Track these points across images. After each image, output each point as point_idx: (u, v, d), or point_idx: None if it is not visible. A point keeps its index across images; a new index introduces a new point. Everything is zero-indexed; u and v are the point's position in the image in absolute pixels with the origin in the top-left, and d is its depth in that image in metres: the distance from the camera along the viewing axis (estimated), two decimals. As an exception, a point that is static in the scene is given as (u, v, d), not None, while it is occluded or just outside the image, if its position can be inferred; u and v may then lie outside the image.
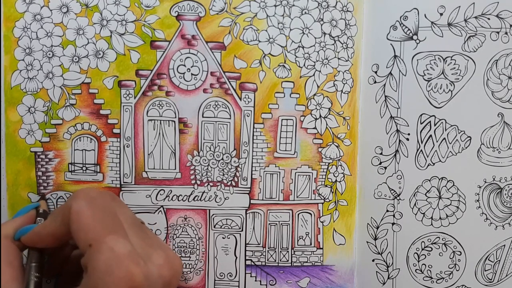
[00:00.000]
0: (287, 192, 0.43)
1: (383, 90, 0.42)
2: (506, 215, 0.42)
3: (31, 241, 0.36)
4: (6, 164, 0.41)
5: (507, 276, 0.43)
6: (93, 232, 0.32)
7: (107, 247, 0.31)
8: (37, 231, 0.36)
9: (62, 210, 0.34)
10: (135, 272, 0.30)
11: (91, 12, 0.41)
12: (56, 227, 0.34)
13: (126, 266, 0.30)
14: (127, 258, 0.31)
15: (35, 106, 0.41)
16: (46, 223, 0.36)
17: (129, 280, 0.30)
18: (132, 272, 0.30)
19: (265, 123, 0.42)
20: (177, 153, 0.42)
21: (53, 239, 0.35)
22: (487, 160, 0.42)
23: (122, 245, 0.31)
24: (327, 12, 0.41)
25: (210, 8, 0.41)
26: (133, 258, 0.31)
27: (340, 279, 0.43)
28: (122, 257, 0.31)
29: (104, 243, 0.31)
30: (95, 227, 0.32)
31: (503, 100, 0.41)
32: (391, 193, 0.42)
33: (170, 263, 0.34)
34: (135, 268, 0.31)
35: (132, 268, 0.31)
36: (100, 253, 0.31)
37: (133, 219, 0.36)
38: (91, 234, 0.32)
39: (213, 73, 0.42)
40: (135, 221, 0.36)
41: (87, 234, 0.32)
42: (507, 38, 0.40)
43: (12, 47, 0.40)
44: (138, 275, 0.31)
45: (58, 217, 0.34)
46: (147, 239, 0.35)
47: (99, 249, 0.31)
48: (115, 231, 0.32)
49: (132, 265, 0.31)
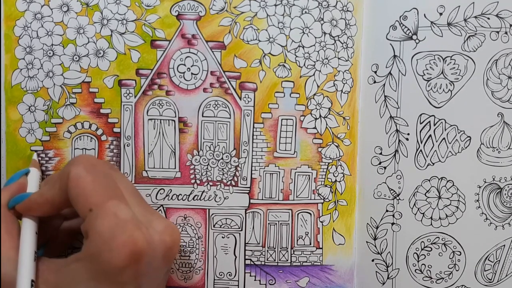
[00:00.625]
0: (287, 192, 0.43)
1: (382, 90, 0.42)
2: (506, 215, 0.42)
3: (28, 209, 0.35)
4: (6, 163, 0.41)
5: (507, 276, 0.43)
6: (94, 197, 0.31)
7: (110, 212, 0.31)
8: (33, 198, 0.35)
9: (60, 176, 0.33)
10: (138, 237, 0.30)
11: (91, 11, 0.41)
12: (54, 193, 0.34)
13: (129, 230, 0.30)
14: (129, 223, 0.31)
15: (35, 105, 0.41)
16: (43, 190, 0.35)
17: (132, 245, 0.30)
18: (135, 236, 0.30)
19: (265, 122, 0.42)
20: (177, 152, 0.42)
21: (51, 207, 0.34)
22: (487, 160, 0.41)
23: (124, 210, 0.31)
24: (327, 11, 0.42)
25: (210, 8, 0.41)
26: (136, 223, 0.31)
27: (340, 279, 0.43)
28: (125, 222, 0.31)
29: (106, 208, 0.31)
30: (96, 192, 0.32)
31: (503, 100, 0.41)
32: (390, 193, 0.42)
33: (170, 230, 0.34)
34: (138, 232, 0.31)
35: (135, 232, 0.30)
36: (102, 218, 0.30)
37: (132, 188, 0.36)
38: (91, 199, 0.31)
39: (213, 73, 0.42)
40: (133, 189, 0.36)
41: (88, 199, 0.31)
42: (507, 38, 0.40)
43: (12, 46, 0.40)
44: (141, 240, 0.30)
45: (56, 184, 0.33)
46: (147, 207, 0.35)
47: (100, 213, 0.31)
48: (116, 196, 0.32)
49: (135, 230, 0.31)
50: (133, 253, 0.30)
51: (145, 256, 0.31)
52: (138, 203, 0.35)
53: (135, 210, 0.33)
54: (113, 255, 0.30)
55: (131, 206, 0.33)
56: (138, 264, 0.31)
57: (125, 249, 0.30)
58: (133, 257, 0.30)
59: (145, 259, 0.31)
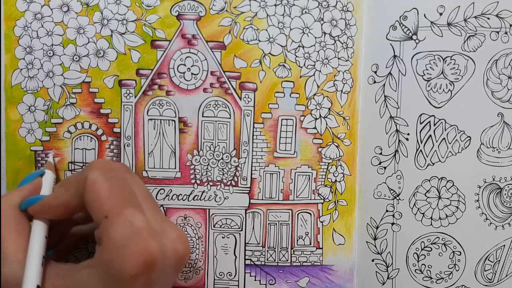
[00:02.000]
0: (287, 192, 0.43)
1: (382, 90, 0.42)
2: (506, 215, 0.42)
3: (40, 211, 0.34)
4: (6, 163, 0.41)
5: (507, 276, 0.43)
6: (110, 203, 0.31)
7: (125, 220, 0.31)
8: (47, 201, 0.34)
9: (76, 180, 0.33)
10: (152, 246, 0.30)
11: (91, 11, 0.41)
12: (69, 197, 0.33)
13: (144, 239, 0.30)
14: (144, 232, 0.31)
15: (35, 105, 0.41)
16: (58, 194, 0.34)
17: (147, 254, 0.30)
18: (150, 245, 0.30)
19: (265, 122, 0.42)
20: (177, 152, 0.42)
21: (65, 210, 0.34)
22: (487, 160, 0.42)
23: (139, 219, 0.31)
24: (327, 11, 0.42)
25: (211, 8, 0.41)
26: (150, 231, 0.31)
27: (340, 279, 0.43)
28: (140, 230, 0.30)
29: (121, 215, 0.31)
30: (112, 199, 0.31)
31: (503, 100, 0.41)
32: (390, 193, 0.42)
33: (182, 239, 0.34)
34: (152, 241, 0.30)
35: (150, 241, 0.30)
36: (118, 225, 0.30)
37: (147, 193, 0.36)
38: (107, 205, 0.31)
39: (213, 73, 0.42)
40: (149, 195, 0.36)
41: (104, 206, 0.31)
42: (507, 38, 0.40)
43: (12, 46, 0.40)
44: (155, 249, 0.30)
45: (72, 187, 0.33)
46: (160, 214, 0.35)
47: (116, 221, 0.30)
48: (132, 204, 0.32)
49: (150, 239, 0.30)
50: (147, 262, 0.30)
51: (158, 265, 0.31)
52: (152, 209, 0.34)
53: (150, 218, 0.33)
54: (127, 264, 0.29)
55: (145, 212, 0.33)
56: (151, 273, 0.30)
57: (139, 258, 0.30)
58: (147, 266, 0.30)
59: (158, 268, 0.31)
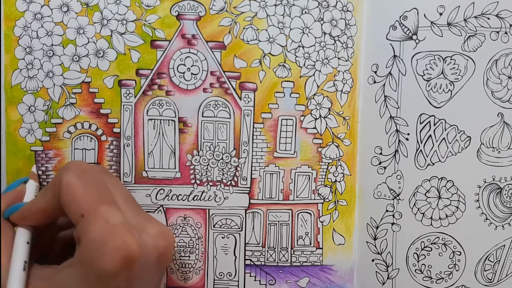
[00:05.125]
0: (287, 192, 0.43)
1: (382, 90, 0.42)
2: (506, 215, 0.42)
3: (22, 218, 0.35)
4: (6, 163, 0.41)
5: (507, 276, 0.43)
6: (86, 202, 0.31)
7: (101, 217, 0.31)
8: (27, 208, 0.35)
9: (52, 183, 0.33)
10: (129, 241, 0.30)
11: (91, 11, 0.41)
12: (47, 201, 0.33)
13: (121, 235, 0.30)
14: (121, 228, 0.30)
15: (35, 105, 0.41)
16: (36, 199, 0.35)
17: (124, 250, 0.30)
18: (127, 241, 0.30)
19: (265, 123, 0.42)
20: (176, 152, 0.42)
21: (44, 215, 0.34)
22: (487, 160, 0.41)
23: (115, 215, 0.31)
24: (327, 11, 0.42)
25: (210, 8, 0.41)
26: (128, 228, 0.31)
27: (340, 279, 0.43)
28: (116, 227, 0.30)
29: (97, 213, 0.31)
30: (87, 198, 0.31)
31: (503, 100, 0.41)
32: (390, 193, 0.42)
33: (164, 234, 0.34)
34: (129, 237, 0.30)
35: (127, 237, 0.30)
36: (94, 223, 0.30)
37: (125, 192, 0.36)
38: (83, 204, 0.31)
39: (213, 73, 0.42)
40: (127, 194, 0.36)
41: (79, 205, 0.31)
42: (507, 37, 0.40)
43: (12, 46, 0.40)
44: (133, 244, 0.30)
45: (49, 191, 0.33)
46: (140, 212, 0.35)
47: (92, 219, 0.31)
48: (108, 201, 0.32)
49: (127, 235, 0.30)
50: (125, 258, 0.30)
51: (137, 261, 0.31)
52: (131, 208, 0.34)
53: (128, 215, 0.33)
54: (105, 260, 0.29)
55: (123, 211, 0.33)
56: (131, 269, 0.30)
57: (117, 254, 0.30)
58: (125, 262, 0.30)
59: (138, 264, 0.31)
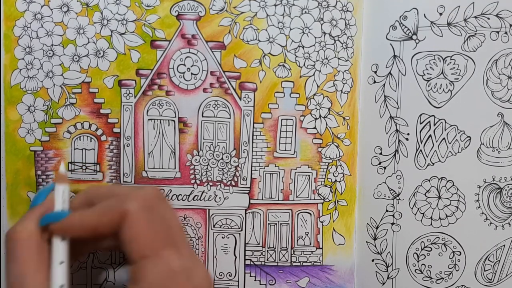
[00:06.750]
0: (287, 192, 0.43)
1: (382, 90, 0.42)
2: (506, 215, 0.42)
3: (64, 230, 0.32)
4: (6, 163, 0.41)
5: (507, 276, 0.43)
6: (150, 244, 0.31)
7: (164, 262, 0.31)
8: (73, 221, 0.32)
9: (111, 207, 0.32)
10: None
11: (91, 11, 0.41)
12: (100, 223, 0.31)
13: (180, 282, 0.31)
14: (181, 274, 0.31)
15: (35, 105, 0.41)
16: (86, 215, 0.32)
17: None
18: None
19: (265, 123, 0.42)
20: (176, 152, 0.42)
21: (91, 233, 0.32)
22: (487, 160, 0.42)
23: (177, 260, 0.31)
24: (327, 11, 0.42)
25: (210, 8, 0.41)
26: (186, 273, 0.31)
27: (340, 279, 0.43)
28: (177, 273, 0.31)
29: (160, 257, 0.31)
30: (152, 239, 0.31)
31: (502, 100, 0.41)
32: (390, 193, 0.42)
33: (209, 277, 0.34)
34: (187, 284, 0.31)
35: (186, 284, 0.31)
36: (156, 266, 0.31)
37: (180, 227, 0.35)
38: (147, 246, 0.31)
39: (213, 73, 0.42)
40: (181, 229, 0.35)
41: (143, 246, 0.31)
42: (507, 37, 0.40)
43: (12, 46, 0.40)
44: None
45: (106, 215, 0.31)
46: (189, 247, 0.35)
47: (155, 262, 0.31)
48: (171, 244, 0.32)
49: (185, 281, 0.31)
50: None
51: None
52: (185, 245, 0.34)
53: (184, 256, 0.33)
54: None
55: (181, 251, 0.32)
56: None
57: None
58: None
59: None
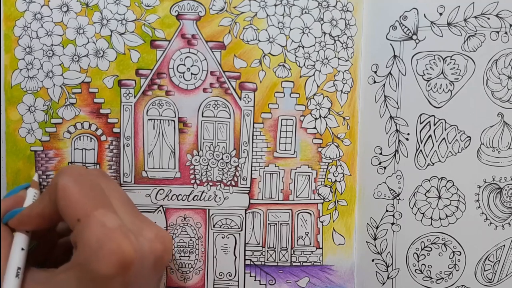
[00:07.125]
0: (287, 192, 0.43)
1: (382, 90, 0.42)
2: (506, 215, 0.42)
3: (20, 223, 0.35)
4: (6, 163, 0.41)
5: (507, 276, 0.43)
6: (81, 206, 0.31)
7: (97, 221, 0.31)
8: (25, 213, 0.35)
9: (48, 188, 0.33)
10: (125, 246, 0.30)
11: (91, 11, 0.41)
12: (44, 206, 0.34)
13: (117, 239, 0.30)
14: (117, 232, 0.31)
15: (35, 105, 0.41)
16: (34, 204, 0.35)
17: (120, 254, 0.30)
18: (123, 245, 0.30)
19: (265, 123, 0.42)
20: (176, 152, 0.42)
21: (42, 220, 0.34)
22: (487, 160, 0.41)
23: (111, 219, 0.31)
24: (327, 11, 0.42)
25: (210, 8, 0.41)
26: (124, 232, 0.31)
27: (340, 279, 0.43)
28: (112, 230, 0.30)
29: (93, 217, 0.31)
30: (83, 202, 0.32)
31: (503, 100, 0.41)
32: (390, 193, 0.42)
33: (161, 238, 0.34)
34: (126, 241, 0.30)
35: (123, 241, 0.30)
36: (90, 227, 0.30)
37: (123, 195, 0.36)
38: (79, 209, 0.31)
39: (213, 73, 0.42)
40: (124, 197, 0.36)
41: (75, 209, 0.31)
42: (507, 37, 0.40)
43: (12, 46, 0.40)
44: (129, 249, 0.30)
45: (46, 196, 0.33)
46: (137, 215, 0.35)
47: (88, 223, 0.31)
48: (104, 205, 0.32)
49: (123, 239, 0.30)
50: (121, 262, 0.30)
51: (133, 265, 0.31)
52: (128, 210, 0.34)
53: (125, 219, 0.33)
54: (101, 264, 0.29)
55: (120, 214, 0.33)
56: (127, 273, 0.30)
57: (113, 258, 0.30)
58: (121, 266, 0.30)
59: (134, 267, 0.31)
